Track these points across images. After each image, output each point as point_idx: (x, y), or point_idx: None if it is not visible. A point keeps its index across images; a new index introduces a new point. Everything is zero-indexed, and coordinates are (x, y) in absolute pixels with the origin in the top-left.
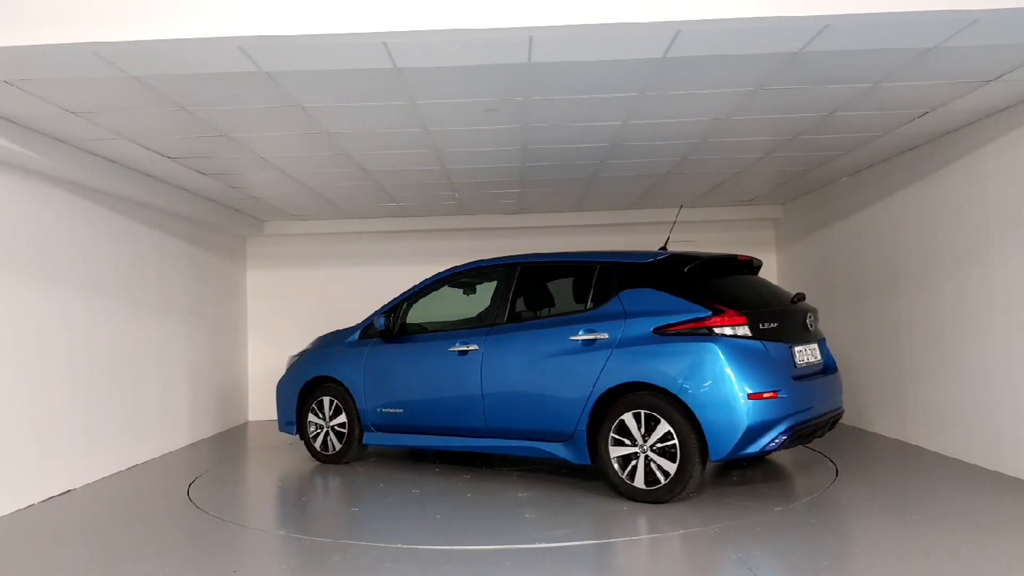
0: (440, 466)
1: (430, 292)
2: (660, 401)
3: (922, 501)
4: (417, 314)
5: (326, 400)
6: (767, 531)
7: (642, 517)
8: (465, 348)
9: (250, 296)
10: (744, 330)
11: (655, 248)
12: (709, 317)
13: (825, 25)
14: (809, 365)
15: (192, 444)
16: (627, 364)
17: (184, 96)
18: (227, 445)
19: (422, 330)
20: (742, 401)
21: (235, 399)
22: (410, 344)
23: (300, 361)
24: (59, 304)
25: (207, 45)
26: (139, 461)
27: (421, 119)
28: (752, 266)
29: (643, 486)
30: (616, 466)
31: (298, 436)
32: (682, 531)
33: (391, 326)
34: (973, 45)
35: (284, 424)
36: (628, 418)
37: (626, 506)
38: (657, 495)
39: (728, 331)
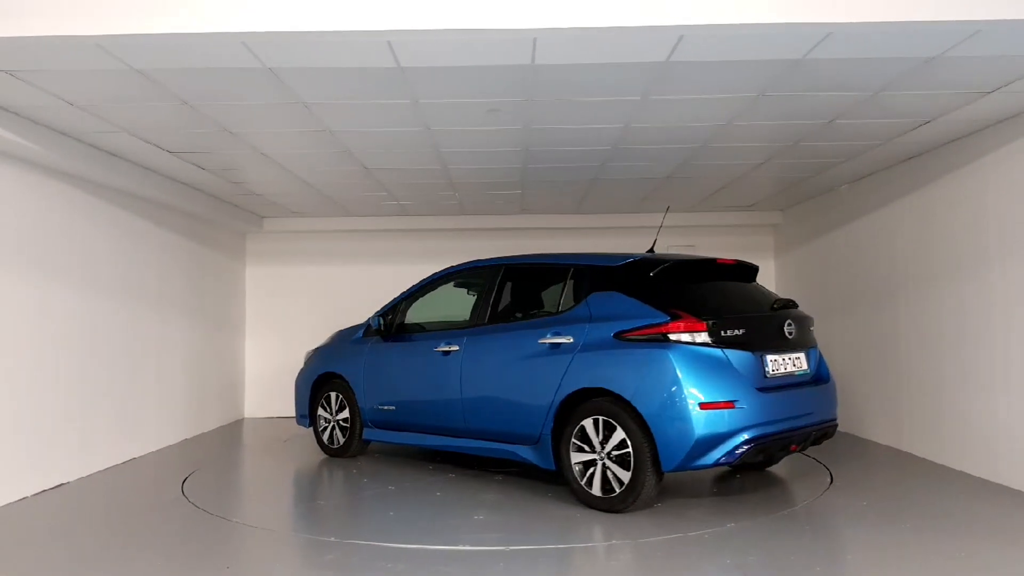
0: (434, 464)
1: (427, 292)
2: (617, 408)
3: (916, 509)
4: (414, 314)
5: (332, 395)
6: (761, 537)
7: (624, 523)
8: (447, 348)
9: (249, 293)
10: (703, 337)
11: (645, 250)
12: (666, 323)
13: (828, 33)
14: (787, 375)
15: (188, 439)
16: (587, 369)
17: (186, 90)
18: (223, 441)
19: (420, 329)
20: (693, 411)
21: (232, 395)
22: (404, 343)
23: (315, 356)
24: (56, 298)
25: (211, 40)
26: (134, 456)
27: (423, 118)
28: (742, 270)
29: (599, 494)
30: (576, 472)
31: (312, 429)
32: (675, 535)
33: (388, 325)
34: (975, 55)
35: (299, 417)
36: (588, 424)
37: (595, 513)
38: (611, 503)
39: (685, 337)
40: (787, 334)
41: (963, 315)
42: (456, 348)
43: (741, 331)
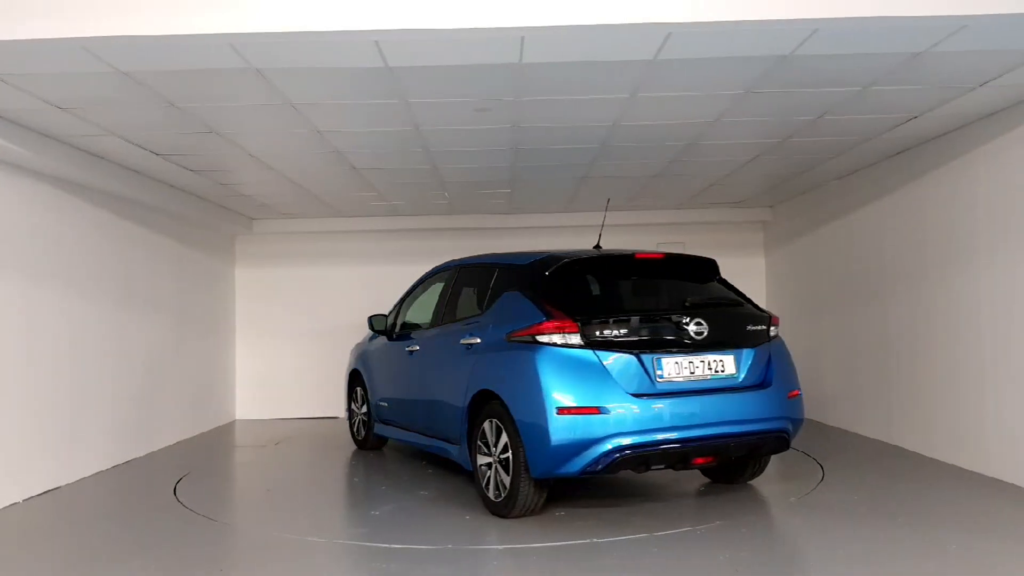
0: (433, 464)
1: (417, 292)
2: (503, 411)
3: (907, 503)
4: (407, 314)
5: (358, 391)
6: (753, 533)
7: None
8: (411, 348)
9: (239, 295)
10: (575, 338)
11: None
12: (538, 323)
13: (815, 29)
14: (694, 379)
15: (179, 442)
16: (484, 371)
17: (173, 92)
18: (214, 444)
19: (410, 329)
20: (551, 416)
21: (223, 398)
22: (395, 343)
23: (352, 353)
24: (45, 301)
25: (198, 41)
26: (125, 459)
27: (412, 118)
28: (689, 266)
29: (492, 497)
30: (480, 474)
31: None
32: (665, 532)
33: (387, 325)
34: (962, 50)
35: (345, 409)
36: (486, 427)
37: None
38: (497, 508)
39: (556, 339)
40: (693, 335)
41: (953, 309)
42: (417, 348)
43: (622, 332)
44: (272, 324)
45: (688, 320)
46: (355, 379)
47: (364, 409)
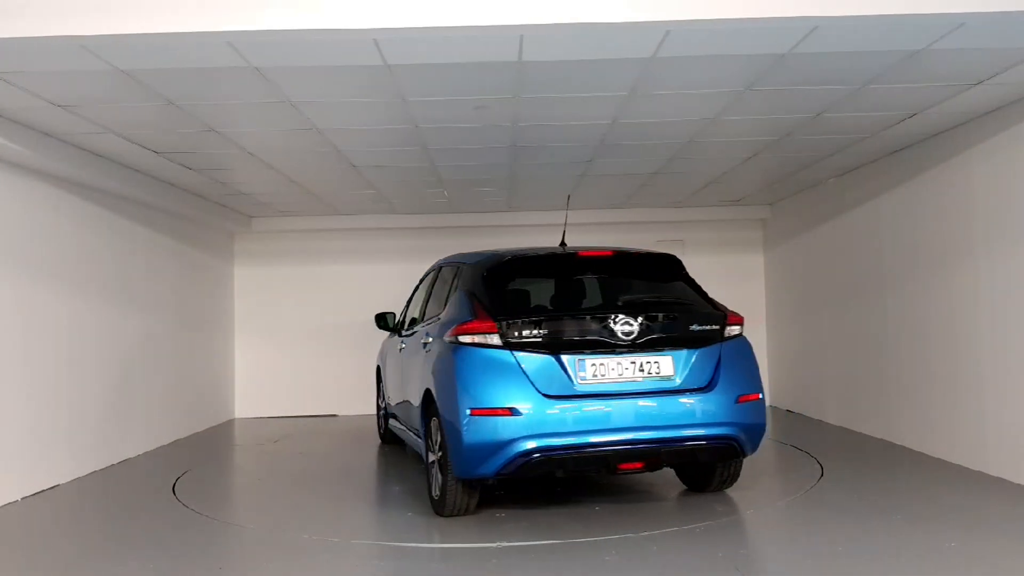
0: None
1: (418, 289)
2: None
3: (906, 501)
4: (409, 311)
5: (379, 386)
6: (752, 530)
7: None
8: (401, 346)
9: (237, 293)
10: (494, 338)
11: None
12: (463, 324)
13: (813, 27)
14: (622, 381)
15: (178, 441)
16: (428, 370)
17: (172, 90)
18: (213, 442)
19: (412, 325)
20: (464, 416)
21: (222, 396)
22: (397, 340)
23: (380, 349)
24: (44, 300)
25: (196, 39)
26: (125, 457)
27: (411, 116)
28: (637, 263)
29: (433, 495)
30: (428, 472)
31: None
32: (665, 530)
33: (395, 323)
34: (960, 48)
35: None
36: (432, 425)
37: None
38: (435, 506)
39: (476, 339)
40: (621, 335)
41: (951, 306)
42: (403, 346)
43: (542, 332)
44: (271, 322)
45: (615, 320)
46: (377, 375)
47: (382, 404)
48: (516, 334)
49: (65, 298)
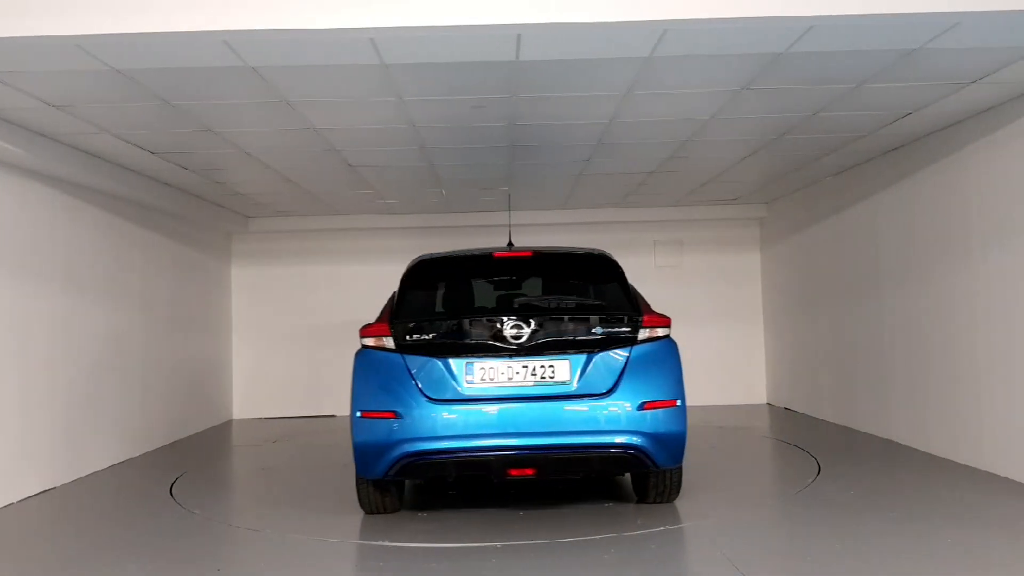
0: None
1: None
2: None
3: (903, 497)
4: None
5: None
6: (750, 527)
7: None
8: None
9: (235, 293)
10: (389, 341)
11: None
12: (367, 326)
13: (810, 26)
14: (514, 385)
15: (175, 442)
16: None
17: (168, 90)
18: (211, 443)
19: None
20: (355, 419)
21: (220, 397)
22: None
23: None
24: (40, 301)
25: (192, 39)
26: (121, 459)
27: (408, 115)
28: (563, 263)
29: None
30: None
31: None
32: (663, 528)
33: None
34: (955, 47)
35: None
36: None
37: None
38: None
39: (372, 342)
40: (510, 339)
41: (948, 303)
42: None
43: (431, 336)
44: (268, 322)
45: (504, 323)
46: None
47: None
48: (408, 337)
49: (61, 299)
